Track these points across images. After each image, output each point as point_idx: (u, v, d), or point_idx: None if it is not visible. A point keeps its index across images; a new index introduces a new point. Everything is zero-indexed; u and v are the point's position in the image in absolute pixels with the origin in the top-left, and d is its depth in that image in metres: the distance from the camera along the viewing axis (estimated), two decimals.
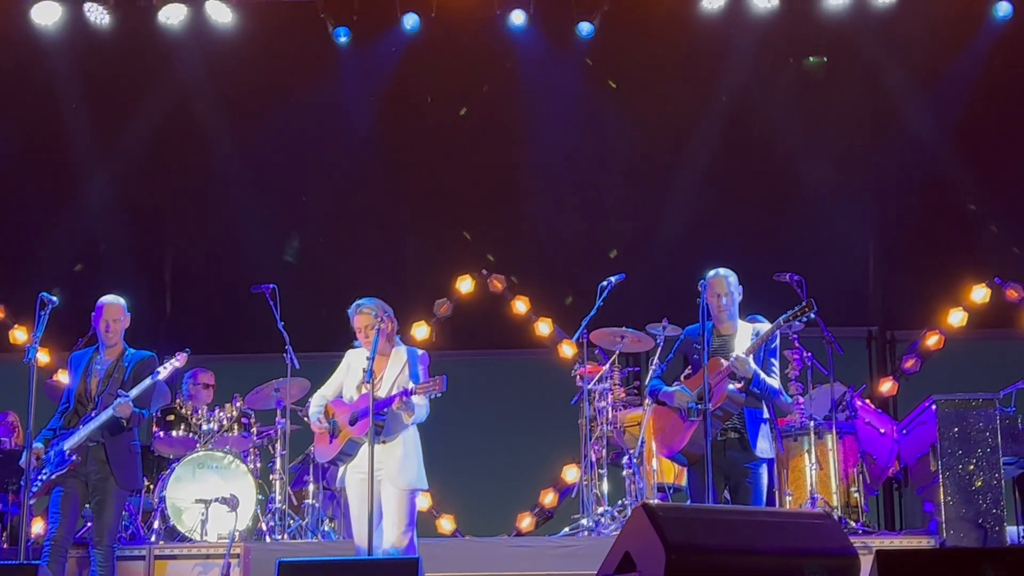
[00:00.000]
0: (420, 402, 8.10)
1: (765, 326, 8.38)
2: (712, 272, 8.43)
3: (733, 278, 8.43)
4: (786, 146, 12.90)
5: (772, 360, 8.37)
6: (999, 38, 12.68)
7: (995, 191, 12.93)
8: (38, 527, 9.85)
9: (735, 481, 8.25)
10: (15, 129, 13.01)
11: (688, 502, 8.56)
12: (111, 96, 13.13)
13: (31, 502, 8.62)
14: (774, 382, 8.31)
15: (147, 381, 8.59)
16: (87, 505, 8.67)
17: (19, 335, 12.80)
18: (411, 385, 8.07)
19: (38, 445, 8.53)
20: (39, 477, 8.52)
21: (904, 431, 10.70)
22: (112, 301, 8.80)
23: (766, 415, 8.33)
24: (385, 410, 8.08)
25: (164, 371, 8.68)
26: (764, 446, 8.24)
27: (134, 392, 8.51)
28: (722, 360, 8.18)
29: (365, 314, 8.29)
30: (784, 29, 12.76)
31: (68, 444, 8.48)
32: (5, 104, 12.96)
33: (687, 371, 8.56)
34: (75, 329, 11.20)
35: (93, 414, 8.51)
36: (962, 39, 12.75)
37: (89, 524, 8.98)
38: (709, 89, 12.95)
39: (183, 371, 11.15)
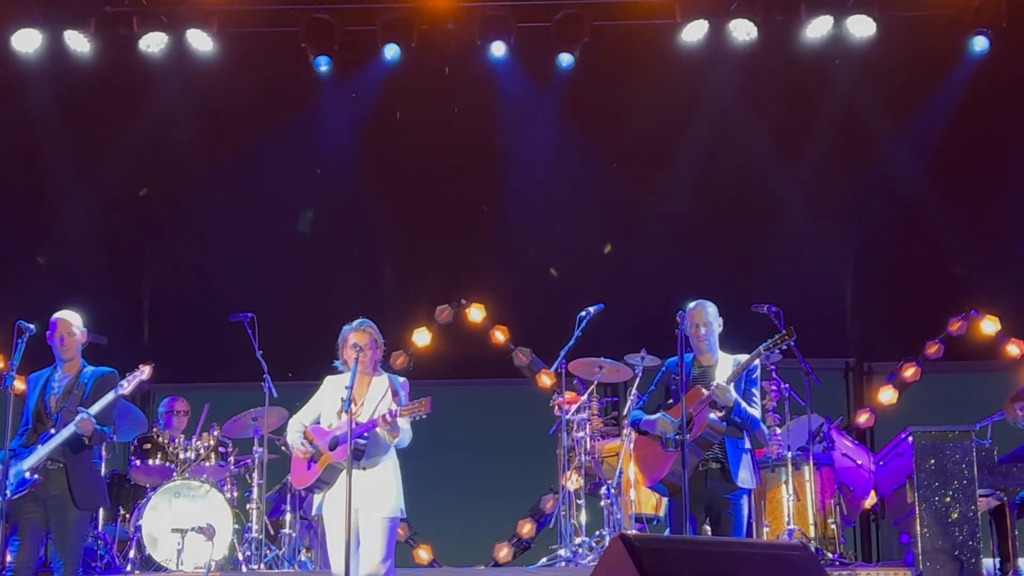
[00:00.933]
0: (404, 426, 8.06)
1: (745, 357, 8.40)
2: (692, 303, 8.45)
3: (713, 309, 8.45)
4: (764, 177, 12.97)
5: (753, 390, 8.39)
6: (976, 72, 12.78)
7: (972, 224, 13.00)
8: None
9: (716, 512, 8.25)
10: None
11: (667, 532, 8.55)
12: (90, 124, 13.11)
13: None
14: (755, 412, 8.33)
15: (110, 396, 8.44)
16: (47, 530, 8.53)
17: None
18: (395, 407, 8.02)
19: None
20: None
21: (881, 463, 10.73)
22: (64, 315, 8.70)
23: (747, 445, 8.35)
24: (367, 434, 8.03)
25: (127, 386, 8.52)
26: (745, 476, 8.25)
27: (95, 408, 8.37)
28: (703, 389, 8.19)
29: (367, 332, 8.23)
30: (763, 61, 12.82)
31: (27, 464, 8.32)
32: None
33: (668, 401, 8.57)
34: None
35: (52, 432, 8.38)
36: (940, 73, 12.86)
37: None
38: (688, 120, 13.00)
39: (159, 400, 11.15)
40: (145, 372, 8.68)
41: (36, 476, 8.31)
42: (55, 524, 8.43)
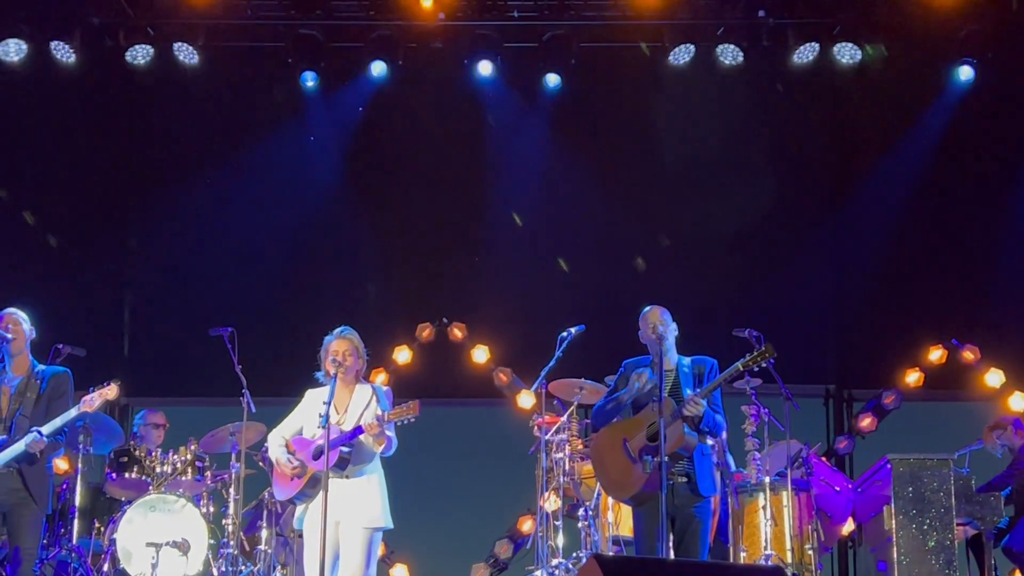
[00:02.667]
0: (389, 433, 8.00)
1: (708, 361, 8.43)
2: (647, 307, 8.49)
3: (667, 314, 8.48)
4: (748, 204, 12.99)
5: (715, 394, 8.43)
6: (961, 101, 12.84)
7: (954, 254, 13.04)
8: None
9: (683, 524, 8.26)
10: None
11: (634, 546, 8.55)
12: (74, 134, 13.09)
13: None
14: (720, 417, 8.37)
15: (70, 413, 8.30)
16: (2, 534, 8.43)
17: None
18: (381, 412, 7.96)
19: None
20: None
21: (859, 489, 10.73)
22: (11, 309, 8.52)
23: (709, 450, 8.39)
24: (351, 442, 7.97)
25: (92, 403, 8.37)
26: (708, 484, 8.29)
27: (49, 428, 8.22)
28: (672, 401, 8.20)
29: (348, 340, 8.19)
30: (749, 86, 12.87)
31: None
32: None
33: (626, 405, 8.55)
34: None
35: (5, 438, 8.24)
36: (925, 101, 12.93)
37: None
38: (674, 143, 13.03)
39: (136, 413, 11.09)
40: (112, 391, 8.46)
41: None
42: (15, 524, 8.31)
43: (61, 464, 11.37)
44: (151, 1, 12.53)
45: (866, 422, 12.96)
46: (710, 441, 8.44)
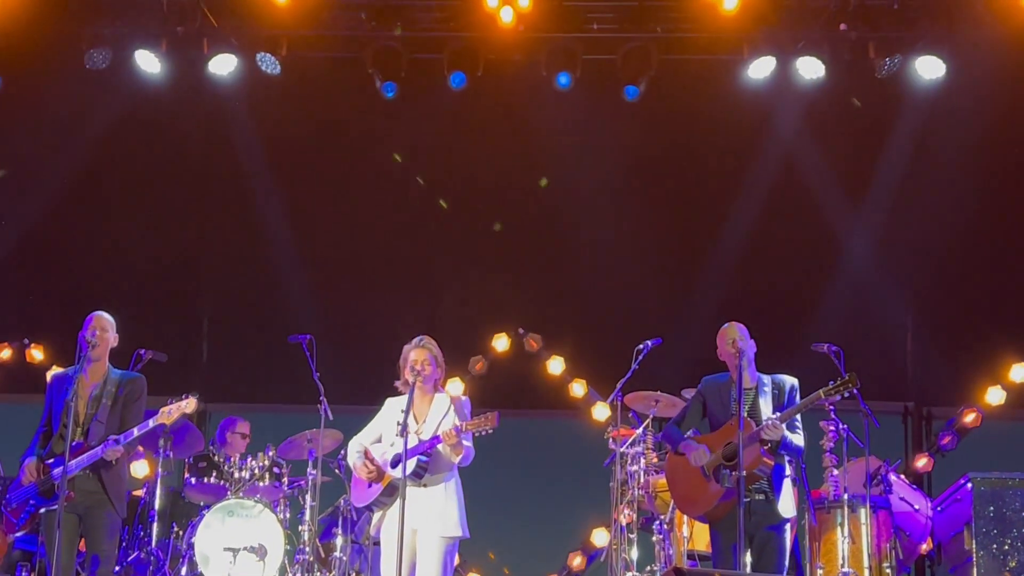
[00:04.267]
0: (467, 443, 8.02)
1: (788, 380, 8.37)
2: (726, 323, 8.44)
3: (745, 330, 8.43)
4: (827, 217, 12.90)
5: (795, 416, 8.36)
6: None
7: None
8: None
9: (760, 543, 8.20)
10: (63, 168, 13.14)
11: (712, 561, 8.51)
12: (156, 142, 13.26)
13: (18, 535, 8.51)
14: (798, 439, 8.28)
15: (148, 424, 8.36)
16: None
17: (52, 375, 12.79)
18: (459, 422, 7.97)
19: (32, 461, 8.32)
20: (26, 509, 8.36)
21: (939, 508, 10.61)
22: (102, 313, 8.62)
23: (788, 471, 8.31)
24: (429, 451, 7.99)
25: (169, 416, 8.44)
26: (788, 505, 8.24)
27: (126, 437, 8.30)
28: (752, 423, 8.14)
29: (427, 349, 8.22)
30: (830, 100, 12.76)
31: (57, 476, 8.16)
32: (54, 143, 13.10)
33: (704, 419, 8.50)
34: None
35: (82, 442, 8.30)
36: (1012, 116, 12.71)
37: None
38: (752, 156, 12.97)
39: (215, 418, 11.21)
40: (190, 404, 8.55)
41: (67, 490, 8.13)
42: (92, 527, 8.38)
43: (141, 468, 11.53)
44: (235, 11, 12.65)
45: (946, 440, 12.81)
46: (787, 459, 8.37)
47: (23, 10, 12.32)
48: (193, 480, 10.90)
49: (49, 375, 12.40)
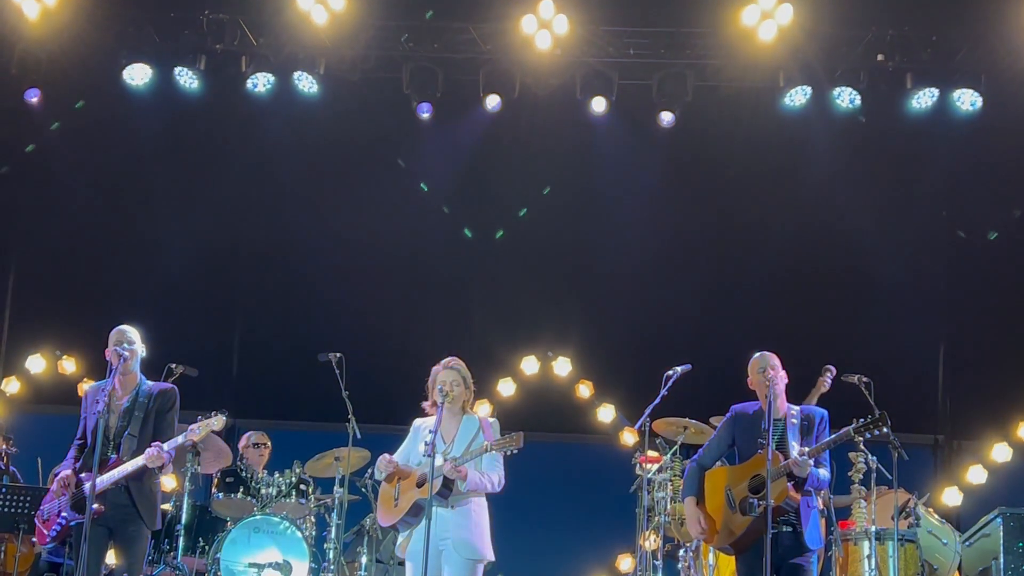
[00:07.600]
0: (498, 471, 8.01)
1: (818, 412, 8.33)
2: (756, 353, 8.39)
3: (776, 360, 8.36)
4: (860, 247, 12.87)
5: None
6: None
7: None
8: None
9: (788, 574, 8.14)
10: (99, 182, 13.25)
11: None
12: (194, 158, 13.35)
13: (49, 546, 8.52)
14: (824, 472, 8.23)
15: (177, 439, 8.30)
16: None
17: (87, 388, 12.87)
18: (486, 443, 7.97)
19: (66, 473, 8.30)
20: (58, 520, 8.38)
21: (967, 543, 10.52)
22: (125, 327, 8.56)
23: (816, 502, 8.26)
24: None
25: (196, 434, 8.37)
26: (815, 536, 8.17)
27: (169, 445, 8.23)
28: (780, 456, 8.09)
29: (455, 370, 8.20)
30: (865, 130, 12.75)
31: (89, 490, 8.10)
32: (92, 158, 13.20)
33: (732, 448, 8.45)
34: None
35: (114, 457, 8.28)
36: None
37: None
38: (786, 184, 12.96)
39: (243, 434, 11.27)
40: (219, 422, 8.47)
41: (97, 504, 8.07)
42: (122, 540, 8.36)
43: (168, 482, 11.55)
44: (273, 30, 12.74)
45: (975, 474, 12.72)
46: (813, 493, 8.30)
47: (64, 26, 12.44)
48: (220, 495, 10.92)
49: (81, 388, 12.55)
